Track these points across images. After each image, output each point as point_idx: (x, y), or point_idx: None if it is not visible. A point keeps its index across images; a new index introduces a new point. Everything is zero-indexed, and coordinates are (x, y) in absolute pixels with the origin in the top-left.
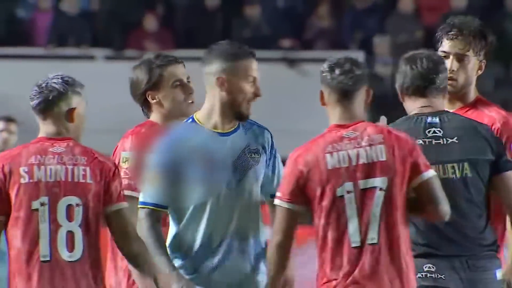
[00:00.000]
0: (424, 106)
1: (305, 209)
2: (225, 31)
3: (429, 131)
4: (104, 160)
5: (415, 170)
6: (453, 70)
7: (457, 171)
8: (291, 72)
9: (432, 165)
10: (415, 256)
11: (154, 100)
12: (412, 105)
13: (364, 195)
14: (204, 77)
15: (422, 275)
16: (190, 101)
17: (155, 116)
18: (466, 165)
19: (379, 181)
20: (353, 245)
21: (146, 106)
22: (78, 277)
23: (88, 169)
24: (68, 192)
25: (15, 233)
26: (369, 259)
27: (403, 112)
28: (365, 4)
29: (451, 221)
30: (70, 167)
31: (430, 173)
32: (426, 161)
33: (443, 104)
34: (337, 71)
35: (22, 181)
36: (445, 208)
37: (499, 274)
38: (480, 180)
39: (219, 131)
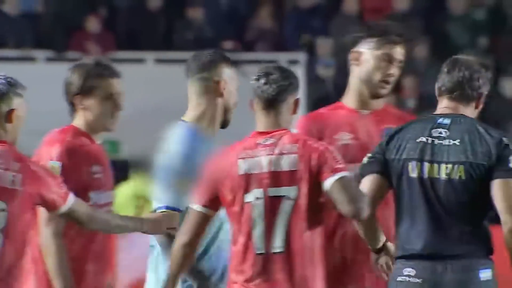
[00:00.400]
0: (445, 107)
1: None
2: (168, 33)
3: (435, 131)
4: (37, 168)
5: (323, 176)
6: (393, 75)
7: (451, 173)
8: None
9: (428, 163)
10: (399, 257)
11: (82, 106)
12: (439, 105)
13: (272, 202)
14: (197, 83)
15: (402, 279)
16: (115, 118)
17: (78, 121)
18: (461, 167)
19: (287, 190)
20: (257, 252)
21: (72, 109)
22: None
23: (20, 175)
24: None
25: None
26: (272, 267)
27: None
28: (308, 5)
29: (438, 223)
30: (1, 171)
31: (338, 175)
32: (338, 163)
33: (471, 112)
34: (262, 80)
35: None
36: (357, 206)
37: (483, 274)
38: (474, 183)
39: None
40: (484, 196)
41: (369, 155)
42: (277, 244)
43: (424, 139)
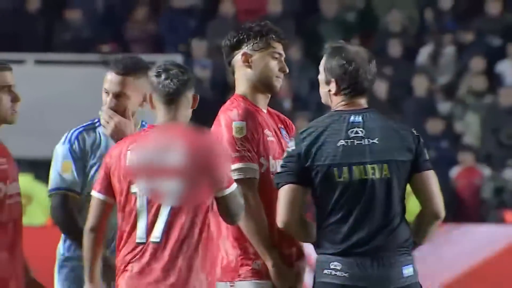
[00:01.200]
0: (349, 103)
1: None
2: (47, 34)
3: (351, 131)
4: None
5: (217, 182)
6: (285, 69)
7: (376, 172)
8: None
9: (354, 166)
10: (324, 254)
11: None
12: (339, 101)
13: (157, 195)
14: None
15: (328, 272)
16: (15, 110)
17: None
18: (385, 166)
19: (172, 184)
20: (138, 241)
21: None
22: None
23: None
24: None
25: None
26: (149, 256)
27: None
28: (184, 6)
29: (366, 220)
30: None
31: (231, 188)
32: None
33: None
34: (163, 76)
35: None
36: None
37: (406, 271)
38: (397, 179)
39: None
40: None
41: (283, 164)
42: (156, 234)
43: (343, 142)
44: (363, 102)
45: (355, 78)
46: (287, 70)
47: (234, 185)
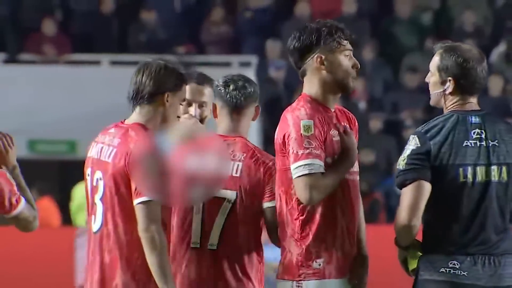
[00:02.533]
0: (470, 103)
1: None
2: (122, 35)
3: (474, 132)
4: None
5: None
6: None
7: (497, 174)
8: None
9: (480, 166)
10: (441, 251)
11: None
12: (463, 101)
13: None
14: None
15: (445, 270)
16: None
17: None
18: (504, 168)
19: (230, 193)
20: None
21: None
22: None
23: None
24: None
25: None
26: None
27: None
28: (259, 7)
29: (486, 222)
30: None
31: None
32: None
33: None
34: (231, 87)
35: None
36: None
37: None
38: None
39: None
40: None
41: (409, 161)
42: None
43: (468, 143)
44: (476, 102)
45: (474, 77)
46: (359, 66)
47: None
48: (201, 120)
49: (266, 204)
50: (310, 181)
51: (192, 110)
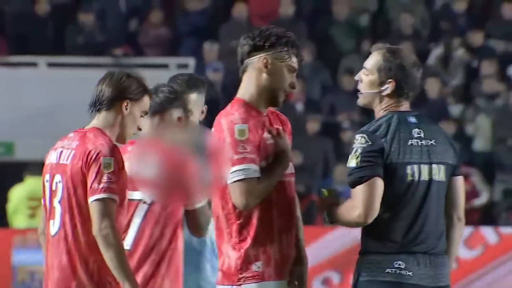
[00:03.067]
0: (404, 105)
1: None
2: (58, 37)
3: (414, 131)
4: None
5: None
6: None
7: (437, 173)
8: None
9: (424, 165)
10: (385, 251)
11: None
12: (396, 103)
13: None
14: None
15: (391, 270)
16: None
17: None
18: (442, 168)
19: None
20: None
21: None
22: None
23: None
24: None
25: None
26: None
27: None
28: (197, 9)
29: (427, 221)
30: None
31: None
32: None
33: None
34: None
35: None
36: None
37: (448, 272)
38: (447, 182)
39: None
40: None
41: (363, 159)
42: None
43: (412, 141)
44: (408, 105)
45: (414, 82)
46: (296, 88)
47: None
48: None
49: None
50: (246, 187)
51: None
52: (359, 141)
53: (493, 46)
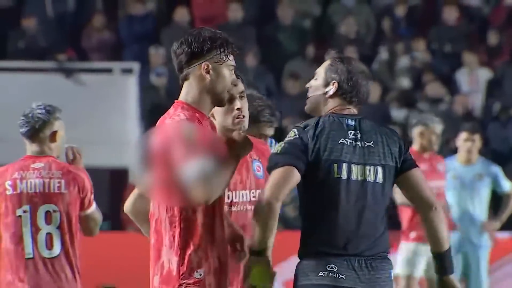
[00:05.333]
0: (348, 108)
1: None
2: (1, 42)
3: (350, 133)
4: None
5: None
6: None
7: (372, 175)
8: (68, 82)
9: (354, 165)
10: (318, 254)
11: None
12: (340, 107)
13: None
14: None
15: (324, 274)
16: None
17: None
18: (379, 169)
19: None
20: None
21: None
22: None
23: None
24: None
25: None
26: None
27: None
28: (140, 14)
29: (359, 222)
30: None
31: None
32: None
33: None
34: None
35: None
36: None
37: (390, 275)
38: (388, 185)
39: None
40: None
41: (283, 149)
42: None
43: (344, 141)
44: (354, 111)
45: (357, 85)
46: (238, 84)
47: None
48: None
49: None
50: (202, 181)
51: None
52: (290, 135)
53: (437, 50)
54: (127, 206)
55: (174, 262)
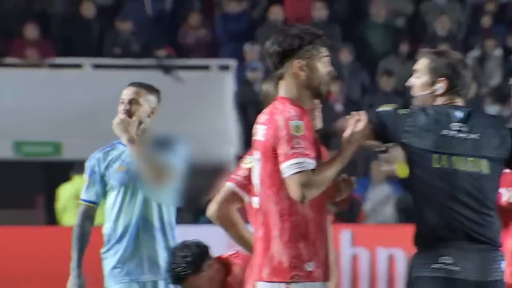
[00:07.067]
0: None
1: None
2: (100, 39)
3: (453, 125)
4: None
5: None
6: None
7: (475, 166)
8: (167, 79)
9: (454, 156)
10: (430, 246)
11: None
12: (448, 101)
13: None
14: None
15: (437, 266)
16: None
17: None
18: (484, 161)
19: None
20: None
21: None
22: None
23: None
24: None
25: None
26: None
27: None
28: (235, 12)
29: (465, 213)
30: None
31: None
32: None
33: None
34: None
35: None
36: None
37: (503, 265)
38: (493, 176)
39: None
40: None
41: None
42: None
43: (446, 132)
44: (462, 103)
45: (463, 77)
46: (334, 73)
47: None
48: (130, 115)
49: None
50: (301, 179)
51: (121, 107)
52: (401, 110)
53: None
54: (211, 212)
55: (285, 254)
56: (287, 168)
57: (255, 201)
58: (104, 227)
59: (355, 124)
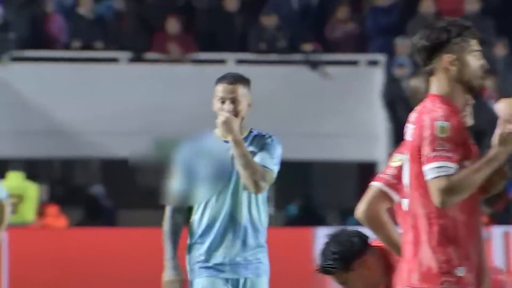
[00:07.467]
0: None
1: None
2: (244, 34)
3: None
4: None
5: None
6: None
7: None
8: (313, 74)
9: None
10: None
11: None
12: None
13: None
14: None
15: None
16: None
17: None
18: None
19: None
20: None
21: None
22: None
23: None
24: None
25: None
26: None
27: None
28: (385, 5)
29: None
30: None
31: None
32: None
33: None
34: None
35: None
36: None
37: None
38: None
39: None
40: None
41: None
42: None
43: None
44: None
45: None
46: (487, 66)
47: None
48: (235, 115)
49: None
50: (441, 184)
51: (226, 106)
52: None
53: None
54: (360, 212)
55: (434, 259)
56: (428, 171)
57: (405, 203)
58: (191, 220)
59: (510, 119)
